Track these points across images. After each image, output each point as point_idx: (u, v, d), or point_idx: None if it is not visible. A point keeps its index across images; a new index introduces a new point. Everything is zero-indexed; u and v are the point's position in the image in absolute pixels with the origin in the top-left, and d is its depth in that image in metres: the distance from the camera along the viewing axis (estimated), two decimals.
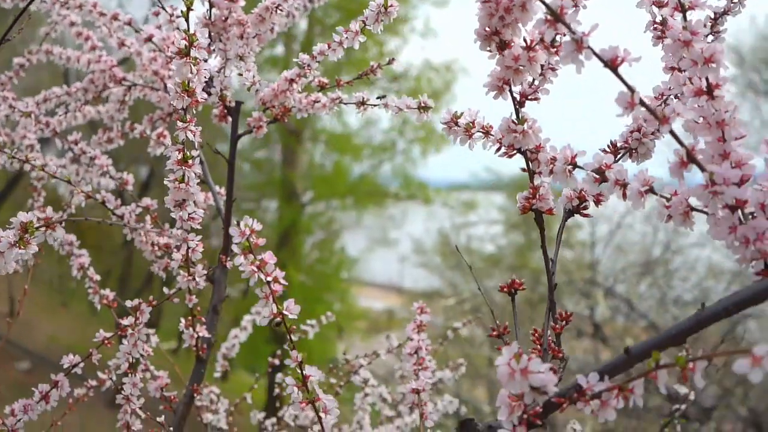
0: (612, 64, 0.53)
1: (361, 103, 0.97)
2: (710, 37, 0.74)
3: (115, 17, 1.11)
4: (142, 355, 0.99)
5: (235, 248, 0.64)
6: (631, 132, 0.71)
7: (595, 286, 5.86)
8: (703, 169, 0.53)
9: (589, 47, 0.52)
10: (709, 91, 0.56)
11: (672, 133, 0.53)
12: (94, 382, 1.17)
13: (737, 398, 6.28)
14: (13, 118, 1.22)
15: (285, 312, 0.65)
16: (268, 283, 0.65)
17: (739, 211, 0.55)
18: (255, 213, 12.04)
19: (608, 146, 0.72)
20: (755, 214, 0.53)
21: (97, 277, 1.13)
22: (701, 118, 0.57)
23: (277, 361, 1.62)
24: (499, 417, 0.56)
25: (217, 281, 1.04)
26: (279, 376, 1.31)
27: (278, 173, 11.43)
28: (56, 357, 1.07)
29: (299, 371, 0.67)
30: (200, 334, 1.00)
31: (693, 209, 0.57)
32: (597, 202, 0.70)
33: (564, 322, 0.65)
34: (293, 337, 0.68)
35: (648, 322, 6.85)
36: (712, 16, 0.74)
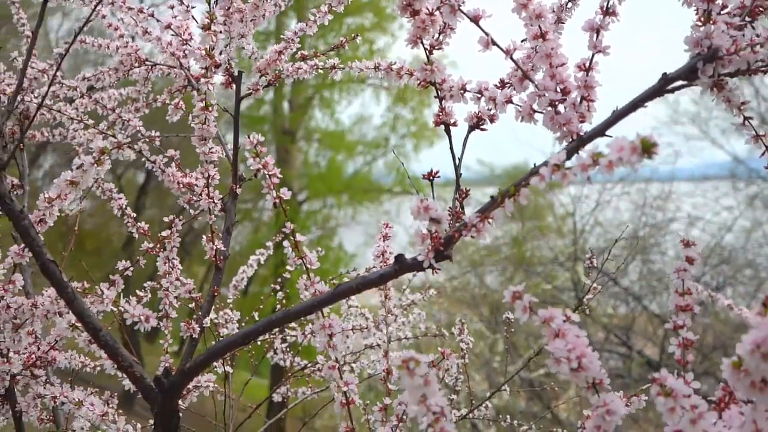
0: (475, 20, 0.85)
1: (333, 68, 1.30)
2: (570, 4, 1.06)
3: (140, 11, 1.44)
4: (173, 266, 1.32)
5: (246, 153, 0.97)
6: (514, 71, 1.04)
7: (577, 261, 6.21)
8: (532, 81, 0.86)
9: (459, 9, 0.85)
10: (542, 35, 0.89)
11: (513, 60, 0.86)
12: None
13: (716, 364, 6.63)
14: (60, 93, 1.55)
15: (282, 195, 0.98)
16: (270, 176, 0.97)
17: (562, 107, 0.87)
18: (252, 212, 12.36)
19: (498, 81, 1.04)
20: (568, 109, 0.86)
21: (134, 215, 1.46)
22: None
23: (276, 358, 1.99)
24: (415, 247, 0.88)
25: (229, 209, 1.36)
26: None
27: None
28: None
29: (293, 237, 1.00)
30: (218, 247, 1.32)
31: (534, 111, 0.89)
32: (491, 120, 1.03)
33: (465, 195, 0.98)
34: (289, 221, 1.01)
35: (631, 295, 7.23)
36: None
